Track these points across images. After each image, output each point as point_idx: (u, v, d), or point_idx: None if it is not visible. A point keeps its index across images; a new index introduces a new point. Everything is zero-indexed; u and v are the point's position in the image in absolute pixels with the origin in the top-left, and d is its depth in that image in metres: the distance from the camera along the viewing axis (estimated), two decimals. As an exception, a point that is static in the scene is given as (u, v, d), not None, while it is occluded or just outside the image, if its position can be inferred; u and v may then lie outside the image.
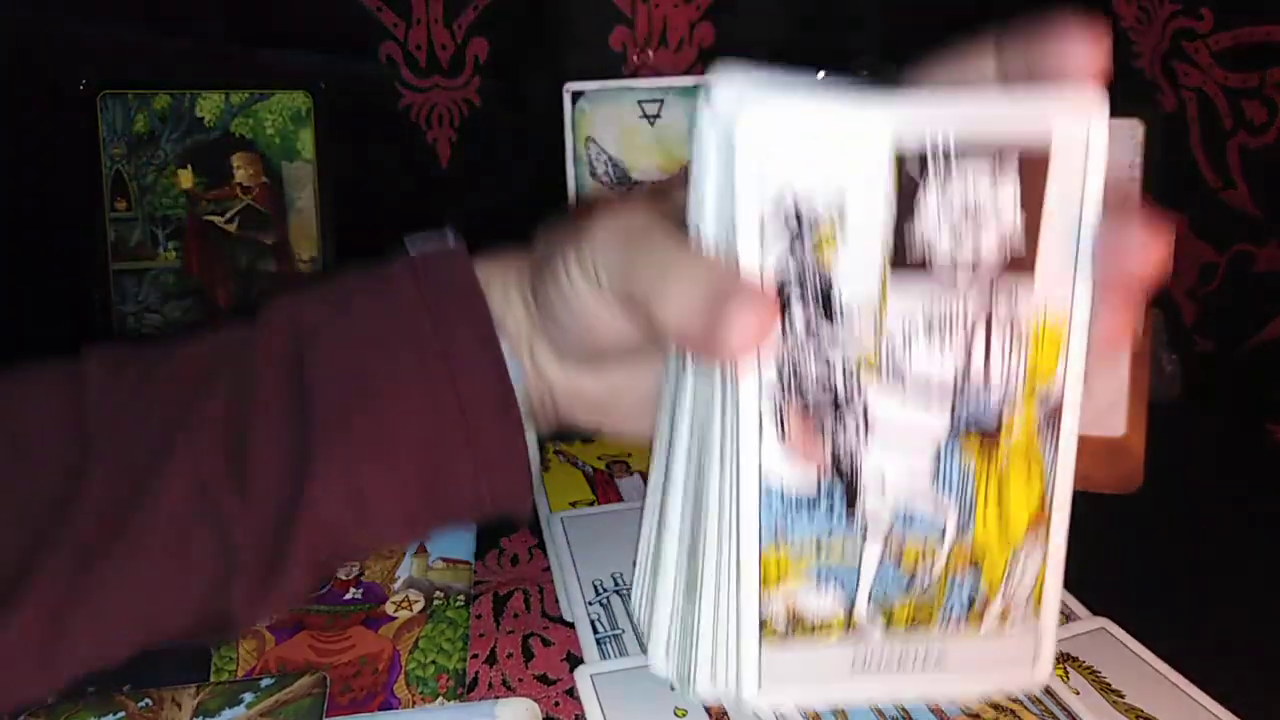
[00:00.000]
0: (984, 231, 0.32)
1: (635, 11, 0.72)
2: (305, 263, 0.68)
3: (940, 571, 0.35)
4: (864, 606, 0.35)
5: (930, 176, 0.32)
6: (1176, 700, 0.44)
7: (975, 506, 0.35)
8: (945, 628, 0.36)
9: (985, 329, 0.33)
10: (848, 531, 0.35)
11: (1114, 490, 0.58)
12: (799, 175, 0.31)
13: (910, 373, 0.33)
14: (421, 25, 0.70)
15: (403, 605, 0.48)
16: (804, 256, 0.32)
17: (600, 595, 0.49)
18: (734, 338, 0.32)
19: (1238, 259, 0.67)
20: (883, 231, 0.32)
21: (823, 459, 0.34)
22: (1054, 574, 0.36)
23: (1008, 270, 0.33)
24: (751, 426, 0.33)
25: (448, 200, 0.74)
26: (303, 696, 0.42)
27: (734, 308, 0.32)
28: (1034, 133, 0.32)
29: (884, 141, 0.31)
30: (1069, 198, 0.32)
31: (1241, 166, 0.66)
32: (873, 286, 0.32)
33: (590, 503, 0.57)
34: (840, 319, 0.33)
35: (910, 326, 0.33)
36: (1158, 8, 0.67)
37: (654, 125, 0.67)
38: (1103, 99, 0.32)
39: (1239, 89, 0.65)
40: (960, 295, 0.33)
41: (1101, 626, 0.48)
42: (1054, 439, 0.35)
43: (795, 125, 0.31)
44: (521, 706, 0.42)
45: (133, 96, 0.66)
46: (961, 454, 0.34)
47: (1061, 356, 0.34)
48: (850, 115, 0.31)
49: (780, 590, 0.35)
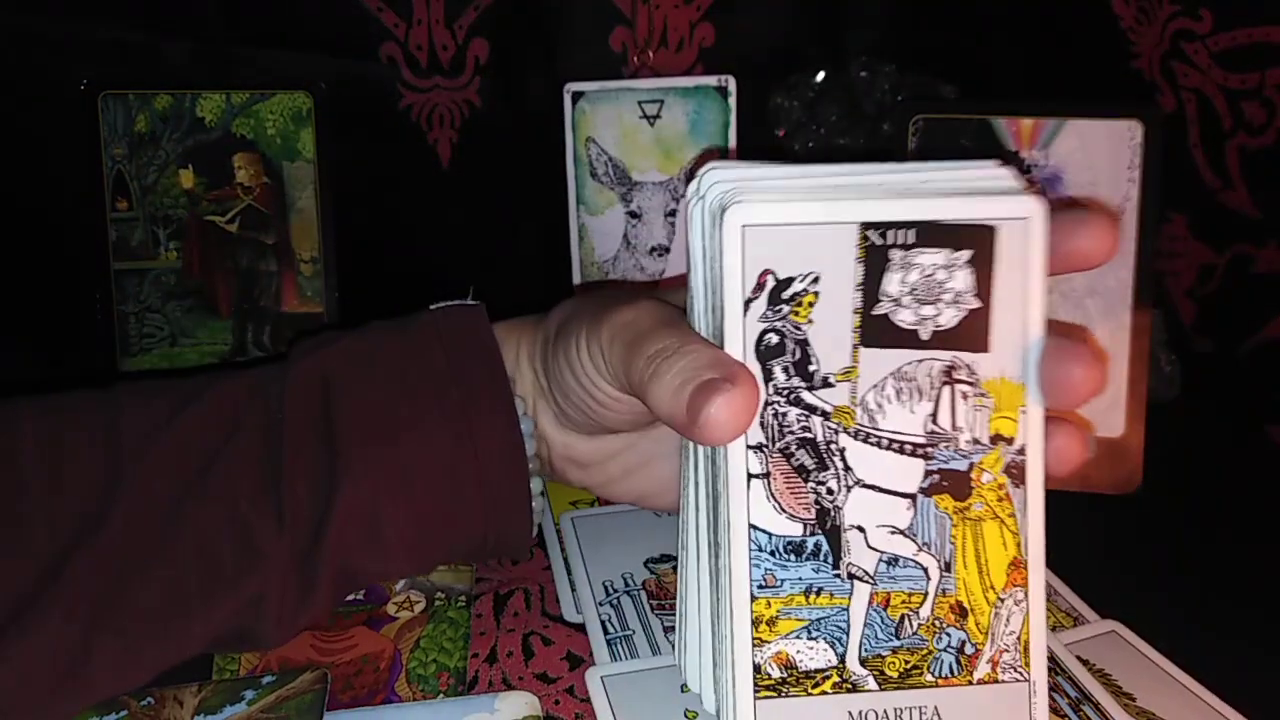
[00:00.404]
0: (943, 309, 0.37)
1: (635, 12, 0.72)
2: (306, 263, 0.68)
3: (927, 618, 0.38)
4: (856, 656, 0.37)
5: (892, 259, 0.36)
6: (1188, 703, 0.44)
7: (954, 555, 0.38)
8: (938, 677, 0.38)
9: (950, 393, 0.37)
10: (835, 580, 0.37)
11: (1113, 491, 0.58)
12: (778, 260, 0.36)
13: (883, 429, 0.37)
14: (422, 26, 0.71)
15: (404, 606, 0.48)
16: (785, 327, 0.36)
17: (610, 596, 0.49)
18: (714, 427, 0.35)
19: (1236, 260, 0.67)
20: (853, 307, 0.36)
21: (808, 510, 0.37)
22: (1038, 622, 0.38)
23: (966, 345, 0.37)
24: (739, 480, 0.36)
25: (448, 201, 0.74)
26: (304, 692, 0.42)
27: (713, 400, 0.35)
28: (982, 227, 0.36)
29: (852, 233, 0.36)
30: (1015, 289, 0.36)
31: (1240, 167, 0.66)
32: (846, 353, 0.37)
33: (591, 503, 0.57)
34: (818, 382, 0.37)
35: (881, 388, 0.37)
36: (1157, 8, 0.68)
37: (654, 126, 0.67)
38: (1043, 206, 0.36)
39: (1238, 90, 0.65)
40: (925, 363, 0.37)
41: (1112, 630, 0.48)
42: (1022, 493, 0.38)
43: (774, 219, 0.35)
44: (521, 700, 0.43)
45: (134, 96, 0.66)
46: (936, 505, 0.37)
47: (1021, 418, 0.37)
48: (821, 209, 0.36)
49: (774, 640, 0.37)
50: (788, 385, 0.36)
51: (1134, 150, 0.58)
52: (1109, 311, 0.58)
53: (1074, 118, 0.59)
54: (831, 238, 0.36)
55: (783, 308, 0.36)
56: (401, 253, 0.75)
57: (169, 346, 0.68)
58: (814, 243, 0.36)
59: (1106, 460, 0.58)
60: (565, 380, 0.44)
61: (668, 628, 0.47)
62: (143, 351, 0.67)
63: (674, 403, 0.36)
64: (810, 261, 0.36)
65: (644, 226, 0.67)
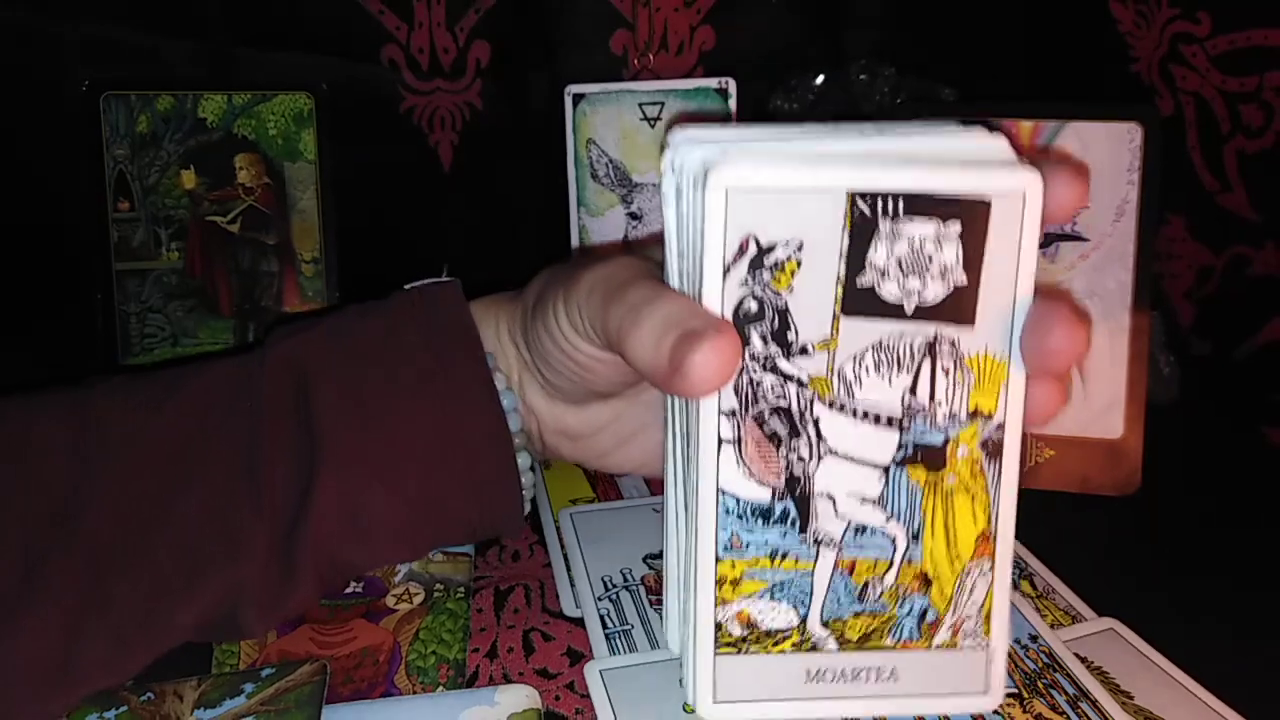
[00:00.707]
0: (929, 282, 0.35)
1: (636, 15, 0.72)
2: (307, 263, 0.68)
3: (891, 585, 0.38)
4: (817, 618, 0.38)
5: (880, 229, 0.35)
6: (1185, 701, 0.44)
7: (923, 526, 0.37)
8: (897, 641, 0.38)
9: (930, 366, 0.36)
10: (801, 545, 0.37)
11: (1112, 492, 0.58)
12: (761, 226, 0.35)
13: (859, 400, 0.36)
14: (424, 28, 0.71)
15: (403, 598, 0.48)
16: (764, 294, 0.35)
17: (609, 591, 0.49)
18: (696, 378, 0.34)
19: (1235, 262, 0.68)
20: (836, 275, 0.35)
21: (777, 477, 0.36)
22: (1002, 594, 0.38)
23: (950, 319, 0.36)
24: (710, 445, 0.36)
25: (449, 202, 0.74)
26: (303, 684, 0.42)
27: (697, 349, 0.34)
28: (975, 201, 0.35)
29: (839, 198, 0.34)
30: (1005, 264, 0.35)
31: (1239, 170, 0.66)
32: (825, 322, 0.36)
33: (590, 499, 0.57)
34: (796, 350, 0.36)
35: (859, 359, 0.36)
36: (1155, 11, 0.68)
37: (654, 127, 0.67)
38: (1037, 178, 0.35)
39: (1236, 93, 0.66)
40: (906, 336, 0.36)
41: (1109, 627, 0.48)
42: (997, 467, 0.37)
43: (759, 183, 0.34)
44: (521, 693, 0.42)
45: (135, 97, 0.67)
46: (908, 477, 0.37)
47: (1002, 392, 0.37)
48: (809, 175, 0.34)
49: (736, 599, 0.37)
50: (764, 352, 0.36)
51: (1133, 152, 0.58)
52: (1108, 313, 0.58)
53: (1073, 120, 0.59)
54: (818, 204, 0.34)
55: (763, 274, 0.35)
56: (402, 254, 0.75)
57: (170, 347, 0.68)
58: (800, 208, 0.34)
59: (1106, 461, 0.58)
60: (545, 346, 0.44)
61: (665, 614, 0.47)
62: (144, 352, 0.67)
63: (655, 353, 0.35)
64: (794, 228, 0.35)
65: (644, 228, 0.67)
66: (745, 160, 0.34)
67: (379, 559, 0.46)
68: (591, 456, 0.50)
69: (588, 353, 0.42)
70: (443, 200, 0.74)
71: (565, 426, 0.48)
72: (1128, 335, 0.58)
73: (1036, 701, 0.43)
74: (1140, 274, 0.58)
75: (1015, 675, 0.44)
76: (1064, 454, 0.59)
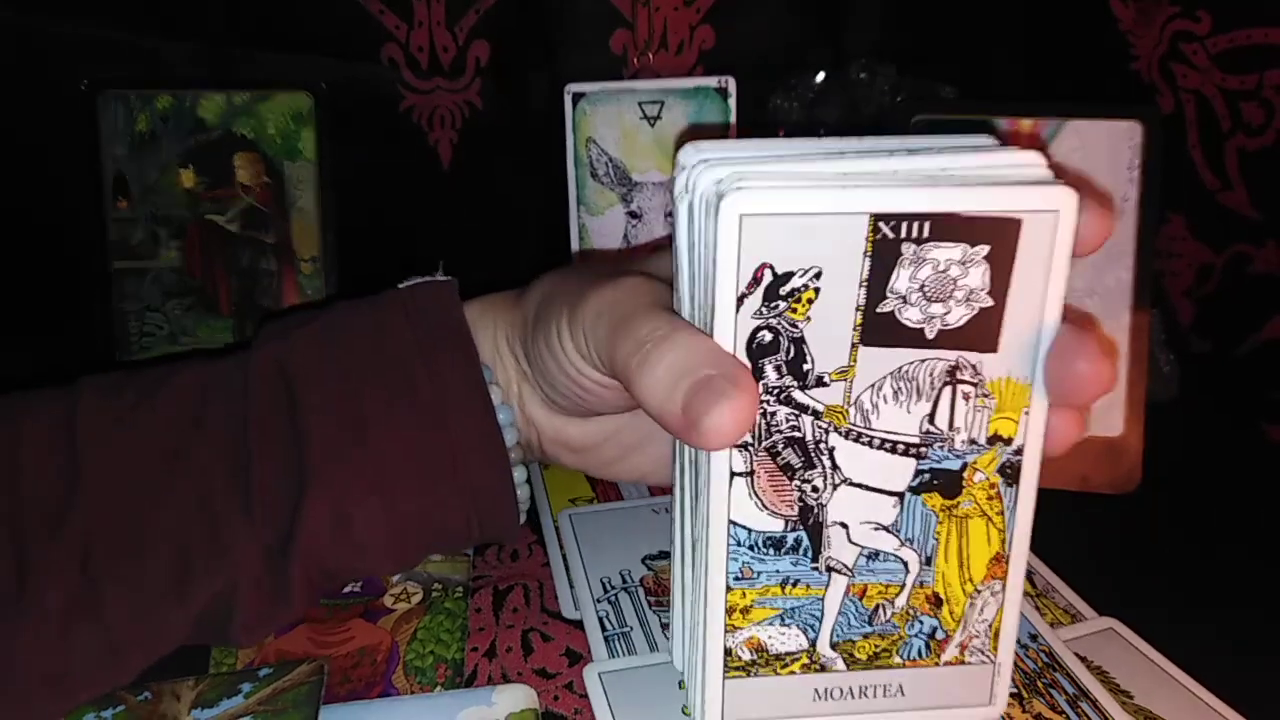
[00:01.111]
0: (953, 307, 0.34)
1: (635, 15, 0.72)
2: (306, 262, 0.68)
3: (902, 608, 0.37)
4: (827, 640, 0.37)
5: (903, 254, 0.33)
6: (1184, 701, 0.44)
7: (936, 551, 0.37)
8: (905, 659, 0.38)
9: (950, 393, 0.35)
10: (812, 573, 0.37)
11: (1112, 490, 0.58)
12: (778, 253, 0.32)
13: (876, 429, 0.35)
14: (423, 27, 0.71)
15: (401, 598, 0.48)
16: (780, 324, 0.33)
17: (609, 593, 0.49)
18: (712, 435, 0.33)
19: (1235, 260, 0.67)
20: (855, 302, 0.33)
21: (790, 507, 0.36)
22: (1011, 612, 0.38)
23: (974, 343, 0.34)
24: (721, 478, 0.35)
25: (449, 201, 0.74)
26: (301, 684, 0.42)
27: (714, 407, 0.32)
28: (1006, 220, 0.33)
29: (860, 223, 0.32)
30: (1034, 286, 0.34)
31: (1239, 168, 0.66)
32: (843, 352, 0.34)
33: (590, 500, 0.57)
34: (812, 382, 0.34)
35: (878, 388, 0.35)
36: (1155, 10, 0.68)
37: (654, 127, 0.67)
38: (1073, 196, 0.33)
39: (1237, 91, 0.65)
40: (927, 362, 0.34)
41: (1109, 627, 0.48)
42: (1014, 492, 0.36)
43: (776, 209, 0.32)
44: (519, 694, 0.42)
45: (134, 96, 0.66)
46: (924, 503, 0.36)
47: (1023, 417, 0.35)
48: (830, 199, 0.32)
49: (746, 626, 0.37)
50: (779, 384, 0.34)
51: (1134, 151, 0.58)
52: (1108, 311, 0.58)
53: (1074, 118, 0.59)
54: (838, 229, 0.32)
55: (779, 304, 0.33)
56: (402, 253, 0.75)
57: (169, 345, 0.68)
58: (818, 234, 0.32)
59: (1105, 460, 0.58)
60: (548, 367, 0.43)
61: (665, 624, 0.47)
62: (143, 350, 0.67)
63: (667, 400, 0.33)
64: (812, 255, 0.32)
65: (644, 227, 0.67)
66: (761, 185, 0.32)
67: (371, 569, 0.45)
68: (594, 466, 0.49)
69: (593, 378, 0.41)
70: (442, 199, 0.74)
71: (566, 438, 0.47)
72: (1128, 333, 0.58)
73: (1036, 701, 0.43)
74: (1140, 272, 0.58)
75: (1015, 675, 0.43)
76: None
